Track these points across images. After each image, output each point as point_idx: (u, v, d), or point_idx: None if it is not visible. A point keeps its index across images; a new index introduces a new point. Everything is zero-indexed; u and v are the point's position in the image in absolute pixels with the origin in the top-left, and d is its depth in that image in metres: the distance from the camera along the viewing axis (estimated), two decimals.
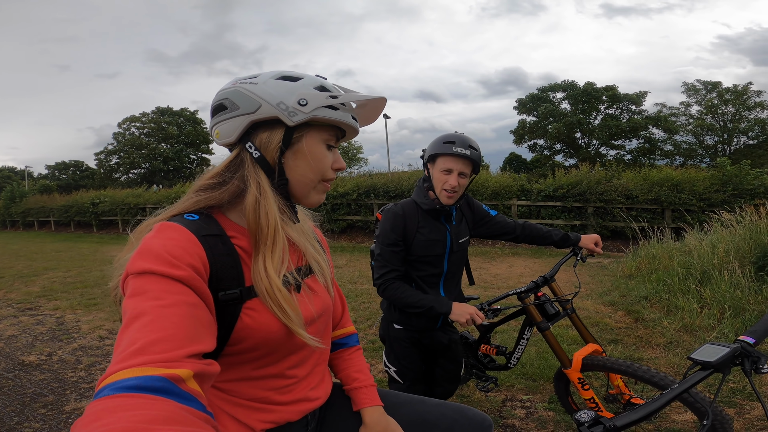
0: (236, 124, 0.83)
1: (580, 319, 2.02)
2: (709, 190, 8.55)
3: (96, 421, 0.44)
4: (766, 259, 3.84)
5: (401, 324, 1.88)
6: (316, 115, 0.82)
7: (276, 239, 0.82)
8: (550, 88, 29.11)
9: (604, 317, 4.11)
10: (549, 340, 1.92)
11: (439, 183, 1.73)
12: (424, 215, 1.79)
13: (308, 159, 0.85)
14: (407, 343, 1.89)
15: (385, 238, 1.76)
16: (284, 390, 0.88)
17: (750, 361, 0.88)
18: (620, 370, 1.74)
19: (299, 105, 0.81)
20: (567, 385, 2.06)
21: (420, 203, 1.79)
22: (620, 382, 1.92)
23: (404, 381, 1.91)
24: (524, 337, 2.18)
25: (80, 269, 8.19)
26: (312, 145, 0.86)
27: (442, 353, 1.97)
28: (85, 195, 18.83)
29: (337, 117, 0.85)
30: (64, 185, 33.33)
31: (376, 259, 1.80)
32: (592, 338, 1.97)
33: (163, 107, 34.64)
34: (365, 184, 11.33)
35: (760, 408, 2.33)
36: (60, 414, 2.67)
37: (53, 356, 3.70)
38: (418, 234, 1.76)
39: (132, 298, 0.63)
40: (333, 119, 0.84)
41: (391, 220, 1.76)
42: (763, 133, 26.61)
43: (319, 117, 0.83)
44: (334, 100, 0.84)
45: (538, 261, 7.61)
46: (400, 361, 1.90)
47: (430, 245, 1.78)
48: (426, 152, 1.80)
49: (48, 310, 5.28)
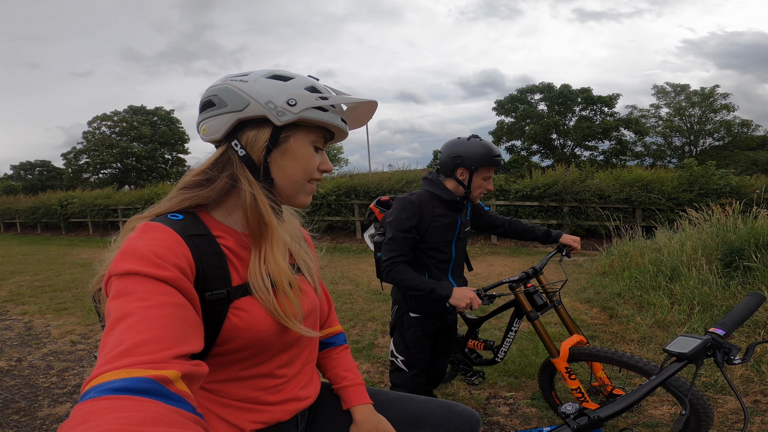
0: (223, 121, 0.82)
1: (567, 311, 2.09)
2: (677, 189, 8.87)
3: (83, 424, 0.43)
4: (732, 256, 4.00)
5: (418, 312, 1.96)
6: (305, 115, 0.82)
7: (276, 232, 0.83)
8: (529, 90, 29.65)
9: (581, 314, 4.22)
10: (538, 329, 1.99)
11: (479, 188, 1.91)
12: (440, 205, 1.92)
13: (295, 159, 0.85)
14: (420, 333, 1.96)
15: (400, 224, 1.85)
16: (273, 390, 0.88)
17: (722, 352, 0.92)
18: (606, 358, 1.81)
19: (288, 105, 0.81)
20: (552, 378, 2.11)
21: (440, 194, 1.91)
22: (603, 374, 1.99)
23: (410, 370, 1.98)
24: (513, 330, 2.25)
25: (49, 273, 7.89)
26: (299, 146, 0.85)
27: (445, 334, 2.10)
28: (52, 196, 18.09)
29: (325, 119, 0.85)
30: (30, 186, 32.06)
31: (386, 243, 1.87)
32: (576, 329, 2.04)
33: (136, 106, 33.68)
34: (346, 184, 11.29)
35: (733, 401, 2.41)
36: (33, 420, 2.60)
37: (23, 362, 3.57)
38: (433, 222, 1.89)
39: (116, 300, 0.62)
40: (322, 121, 0.84)
41: (409, 208, 1.86)
42: (728, 135, 27.79)
43: (308, 118, 0.83)
44: (324, 102, 0.84)
45: (517, 260, 7.75)
46: (410, 350, 1.97)
47: (443, 231, 1.91)
48: (466, 160, 1.86)
49: (16, 314, 5.08)
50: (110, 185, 19.94)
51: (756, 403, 2.40)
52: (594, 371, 2.00)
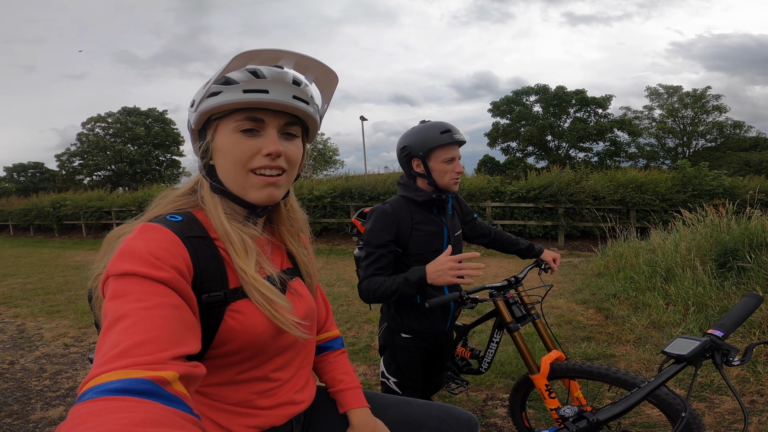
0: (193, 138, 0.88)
1: (547, 326, 1.90)
2: (670, 190, 8.95)
3: (82, 425, 0.43)
4: (726, 257, 4.03)
5: (410, 333, 1.77)
6: (202, 109, 0.80)
7: (232, 239, 0.80)
8: (524, 92, 29.75)
9: (577, 315, 4.23)
10: (517, 342, 1.80)
11: (444, 174, 1.67)
12: (418, 209, 1.72)
13: (222, 153, 0.82)
14: (414, 353, 1.78)
15: (374, 239, 1.64)
16: (268, 394, 0.87)
17: (720, 353, 0.92)
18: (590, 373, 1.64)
19: (191, 108, 0.83)
20: (525, 397, 1.97)
21: (413, 196, 1.71)
22: (580, 393, 1.82)
23: (403, 392, 1.82)
24: (494, 340, 2.14)
25: (41, 275, 7.81)
26: (220, 139, 0.82)
27: (441, 355, 1.92)
28: (45, 198, 17.97)
29: (219, 101, 0.78)
30: (23, 188, 31.76)
31: (362, 262, 1.67)
32: (555, 345, 1.86)
33: (130, 107, 33.48)
34: (341, 186, 11.29)
35: (730, 402, 2.42)
36: (26, 423, 2.57)
37: (15, 365, 3.53)
38: (414, 230, 1.68)
39: (114, 300, 0.61)
40: (216, 105, 0.78)
41: (382, 219, 1.66)
42: (720, 136, 28.04)
43: (205, 109, 0.80)
44: (216, 87, 0.78)
45: (512, 261, 7.76)
46: (403, 372, 1.79)
47: (428, 240, 1.71)
48: (413, 148, 1.67)
49: (8, 317, 5.02)
50: (103, 187, 19.78)
51: (753, 404, 2.41)
52: (571, 391, 1.80)
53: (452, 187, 1.72)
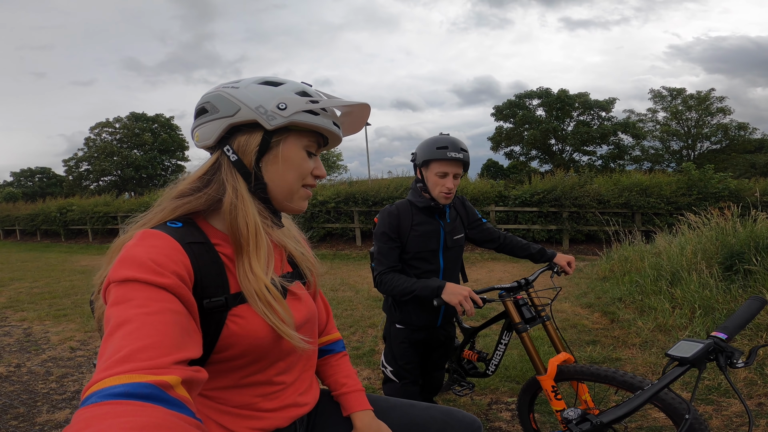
0: (215, 127, 0.83)
1: (556, 328, 1.93)
2: (675, 193, 8.89)
3: (86, 429, 0.43)
4: (732, 260, 4.00)
5: (402, 323, 1.95)
6: (295, 119, 0.82)
7: (258, 241, 0.82)
8: (527, 95, 29.74)
9: (582, 319, 4.21)
10: (525, 343, 1.84)
11: (435, 186, 1.83)
12: (419, 213, 1.89)
13: (287, 163, 0.85)
14: (406, 344, 1.95)
15: (381, 236, 1.86)
16: (272, 396, 0.88)
17: (724, 356, 0.91)
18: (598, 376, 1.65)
19: (278, 109, 0.81)
20: (534, 398, 1.97)
21: (415, 202, 1.89)
22: (588, 396, 1.83)
23: (400, 381, 1.97)
24: (503, 342, 2.14)
25: (48, 279, 7.87)
26: (291, 150, 0.85)
27: (437, 350, 2.07)
28: (52, 203, 18.11)
29: (317, 122, 0.84)
30: (30, 193, 32.05)
31: (375, 256, 1.88)
32: (564, 347, 1.89)
33: (137, 113, 33.78)
34: (345, 191, 11.29)
35: (737, 404, 2.39)
36: (32, 426, 2.59)
37: (22, 368, 3.56)
38: (412, 231, 1.86)
39: (115, 306, 0.62)
40: (312, 124, 0.84)
41: (386, 218, 1.87)
42: (725, 138, 27.86)
43: (298, 122, 0.82)
44: (315, 105, 0.84)
45: (517, 266, 7.74)
46: (397, 361, 1.96)
47: (424, 240, 1.87)
48: (417, 156, 1.86)
49: (15, 321, 5.07)
50: (110, 192, 19.91)
51: (760, 406, 2.39)
52: (579, 394, 1.81)
53: (441, 200, 1.85)
